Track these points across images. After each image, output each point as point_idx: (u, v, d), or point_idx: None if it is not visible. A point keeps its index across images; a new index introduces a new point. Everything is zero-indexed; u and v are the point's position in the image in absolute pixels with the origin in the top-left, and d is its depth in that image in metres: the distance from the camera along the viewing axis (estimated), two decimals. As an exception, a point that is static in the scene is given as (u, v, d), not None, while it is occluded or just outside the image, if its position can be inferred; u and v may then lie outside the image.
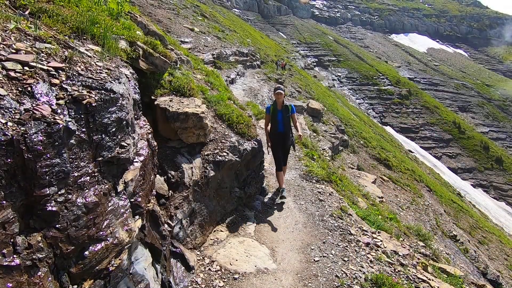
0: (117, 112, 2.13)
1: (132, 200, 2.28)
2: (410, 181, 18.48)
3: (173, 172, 3.55)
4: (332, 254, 3.51)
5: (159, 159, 3.82)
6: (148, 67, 4.05)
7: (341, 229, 4.06)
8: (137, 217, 2.28)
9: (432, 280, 3.51)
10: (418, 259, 4.10)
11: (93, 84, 2.01)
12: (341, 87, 48.50)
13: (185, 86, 4.47)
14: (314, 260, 3.38)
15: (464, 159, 40.35)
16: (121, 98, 2.22)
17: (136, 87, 3.01)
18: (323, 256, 3.45)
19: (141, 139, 2.65)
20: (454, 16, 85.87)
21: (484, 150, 41.31)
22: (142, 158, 2.48)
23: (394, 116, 45.14)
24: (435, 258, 6.32)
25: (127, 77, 2.91)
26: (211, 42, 20.28)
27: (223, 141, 4.32)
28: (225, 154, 4.15)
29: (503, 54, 75.54)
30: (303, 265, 3.30)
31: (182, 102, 4.12)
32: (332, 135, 17.00)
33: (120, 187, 2.12)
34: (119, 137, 2.16)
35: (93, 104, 1.88)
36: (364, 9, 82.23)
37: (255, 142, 4.70)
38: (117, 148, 2.12)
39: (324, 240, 3.78)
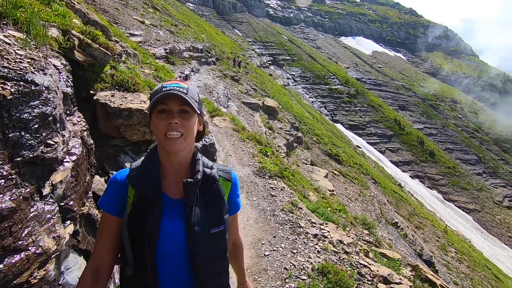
0: (40, 106, 1.90)
1: (62, 204, 2.07)
2: (358, 174, 19.82)
3: (115, 172, 3.32)
4: (282, 247, 3.61)
5: (100, 158, 3.54)
6: (86, 58, 3.71)
7: (291, 223, 4.19)
8: (68, 222, 2.08)
9: (372, 265, 3.80)
10: (361, 246, 4.41)
11: (9, 75, 1.77)
12: (295, 85, 50.11)
13: (129, 81, 4.21)
14: (264, 254, 3.44)
15: (404, 153, 44.56)
16: (46, 91, 1.99)
17: (69, 80, 2.74)
18: (273, 250, 3.53)
19: (73, 137, 2.42)
20: (395, 23, 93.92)
21: (420, 145, 46.08)
22: (74, 157, 2.26)
23: (344, 114, 48.02)
24: (377, 245, 6.86)
25: (57, 69, 2.64)
26: (163, 36, 19.43)
27: (172, 138, 4.16)
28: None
29: (429, 56, 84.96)
30: (253, 261, 3.33)
31: (126, 98, 3.87)
32: (287, 132, 17.51)
33: (46, 190, 1.91)
34: (43, 134, 1.94)
35: (8, 97, 1.66)
36: (316, 12, 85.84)
37: (206, 139, 4.61)
38: (42, 147, 1.90)
39: (275, 235, 3.87)
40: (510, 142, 54.04)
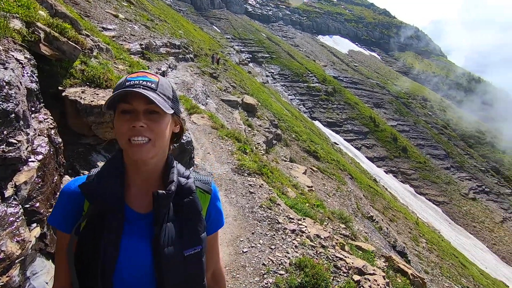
0: (0, 103, 1.79)
1: (27, 206, 1.96)
2: (336, 170, 20.31)
3: (86, 172, 3.19)
4: (260, 243, 3.64)
5: (70, 157, 3.38)
6: (53, 53, 3.53)
7: (269, 219, 4.23)
8: (34, 225, 1.98)
9: (348, 257, 3.93)
10: (337, 240, 4.54)
11: (-36, 69, 1.65)
12: (274, 83, 50.42)
13: (101, 77, 4.05)
14: (242, 251, 3.45)
15: (378, 149, 46.23)
16: (6, 87, 1.88)
17: (35, 75, 2.59)
18: (252, 247, 3.56)
19: (39, 135, 2.30)
20: (370, 23, 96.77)
21: (393, 141, 48.00)
22: (40, 157, 2.15)
23: (322, 111, 48.99)
24: (353, 238, 7.09)
25: (20, 63, 2.49)
26: (138, 31, 18.81)
27: (147, 136, 4.05)
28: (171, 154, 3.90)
29: (401, 55, 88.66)
30: (231, 258, 3.34)
31: (97, 94, 3.72)
32: (266, 130, 17.60)
33: (8, 192, 1.80)
34: (5, 132, 1.83)
35: (-37, 93, 1.54)
36: (294, 10, 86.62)
37: (183, 137, 4.54)
38: (3, 146, 1.80)
39: (253, 231, 3.89)
40: (474, 138, 57.58)
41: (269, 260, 3.34)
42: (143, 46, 16.61)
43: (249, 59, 53.02)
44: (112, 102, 0.94)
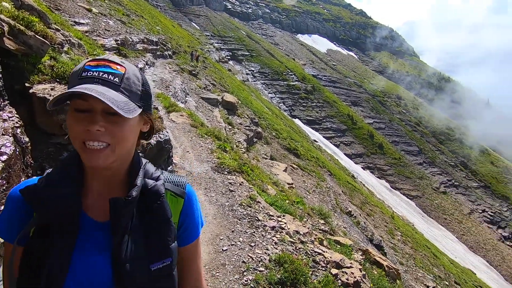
0: (-42, 100, 1.68)
1: (-9, 209, 1.85)
2: (315, 167, 20.68)
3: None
4: (240, 241, 3.65)
5: (39, 158, 3.22)
6: (19, 47, 3.33)
7: (249, 217, 4.25)
8: (-1, 229, 1.87)
9: (326, 252, 4.02)
10: (316, 235, 4.63)
11: None
12: (254, 81, 50.47)
13: (73, 73, 3.86)
14: (222, 249, 3.45)
15: (356, 146, 47.59)
16: (-35, 83, 1.75)
17: (-3, 70, 2.45)
18: (231, 245, 3.56)
19: (4, 135, 2.18)
20: (347, 23, 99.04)
21: (370, 138, 49.59)
22: (5, 157, 2.04)
23: (302, 109, 49.68)
24: (332, 233, 7.27)
25: (-19, 58, 2.34)
26: (114, 26, 18.16)
27: (122, 135, 3.92)
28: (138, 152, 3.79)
29: (377, 55, 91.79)
30: (211, 256, 3.33)
31: (68, 91, 3.56)
32: (247, 128, 17.61)
33: (-31, 195, 1.69)
34: (-37, 132, 1.72)
35: None
36: (274, 8, 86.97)
37: (161, 136, 4.45)
38: (-39, 146, 1.68)
39: (233, 229, 3.90)
40: (445, 135, 60.63)
41: (249, 257, 3.35)
42: (119, 42, 16.07)
43: (229, 57, 52.70)
44: (59, 98, 0.76)
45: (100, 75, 0.78)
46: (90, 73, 0.78)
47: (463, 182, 49.76)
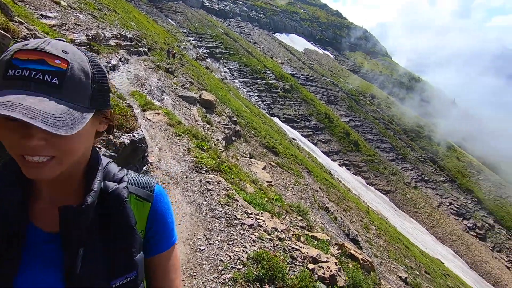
0: None
1: None
2: (294, 165, 20.96)
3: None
4: (218, 240, 3.64)
5: (1, 159, 3.02)
6: (-24, 41, 3.10)
7: (227, 215, 4.24)
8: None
9: (303, 248, 4.10)
10: (294, 232, 4.71)
11: None
12: (233, 79, 50.25)
13: (38, 69, 3.66)
14: (200, 249, 3.42)
15: (333, 144, 48.81)
16: None
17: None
18: (209, 244, 3.54)
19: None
20: (323, 23, 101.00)
21: (346, 136, 51.05)
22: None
23: (280, 108, 50.15)
24: (309, 229, 7.42)
25: None
26: (84, 21, 17.33)
27: (94, 134, 3.78)
28: (97, 149, 3.65)
29: (352, 55, 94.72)
30: (188, 256, 3.29)
31: (33, 89, 3.36)
32: (226, 126, 17.51)
33: None
34: None
35: None
36: (251, 6, 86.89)
37: (135, 135, 4.32)
38: None
39: (211, 228, 3.87)
40: (415, 132, 63.64)
41: (227, 256, 3.35)
42: (90, 37, 15.36)
43: (206, 55, 52.06)
44: None
45: (32, 75, 0.59)
46: (18, 72, 0.59)
47: (432, 177, 52.54)
